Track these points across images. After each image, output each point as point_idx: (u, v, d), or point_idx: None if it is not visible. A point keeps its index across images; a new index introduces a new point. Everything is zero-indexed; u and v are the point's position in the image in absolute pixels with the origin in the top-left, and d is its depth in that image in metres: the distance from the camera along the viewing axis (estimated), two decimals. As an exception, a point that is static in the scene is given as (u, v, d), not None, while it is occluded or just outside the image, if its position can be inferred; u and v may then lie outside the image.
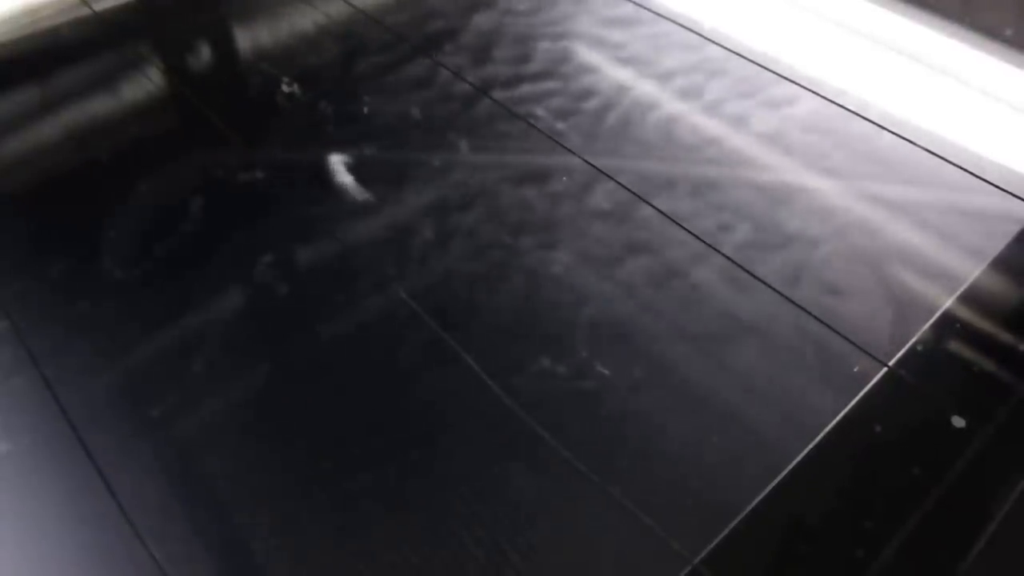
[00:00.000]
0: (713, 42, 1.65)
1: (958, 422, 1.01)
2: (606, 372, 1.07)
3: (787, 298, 1.15)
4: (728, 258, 1.21)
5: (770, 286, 1.17)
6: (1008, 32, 1.55)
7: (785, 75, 1.56)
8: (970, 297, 1.15)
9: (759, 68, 1.57)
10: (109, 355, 1.12)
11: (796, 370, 1.06)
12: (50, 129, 1.52)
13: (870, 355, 1.07)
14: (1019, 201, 1.28)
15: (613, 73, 1.58)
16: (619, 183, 1.34)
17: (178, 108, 1.60)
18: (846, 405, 1.02)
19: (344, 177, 1.38)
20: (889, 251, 1.22)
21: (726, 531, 0.91)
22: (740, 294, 1.16)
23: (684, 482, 0.96)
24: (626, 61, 1.61)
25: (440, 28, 1.72)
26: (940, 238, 1.23)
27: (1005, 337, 1.12)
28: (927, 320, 1.12)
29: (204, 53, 1.75)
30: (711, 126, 1.45)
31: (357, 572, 0.89)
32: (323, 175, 1.39)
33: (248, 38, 1.76)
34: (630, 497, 0.94)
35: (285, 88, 1.58)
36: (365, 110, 1.52)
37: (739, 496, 0.94)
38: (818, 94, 1.51)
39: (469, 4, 1.79)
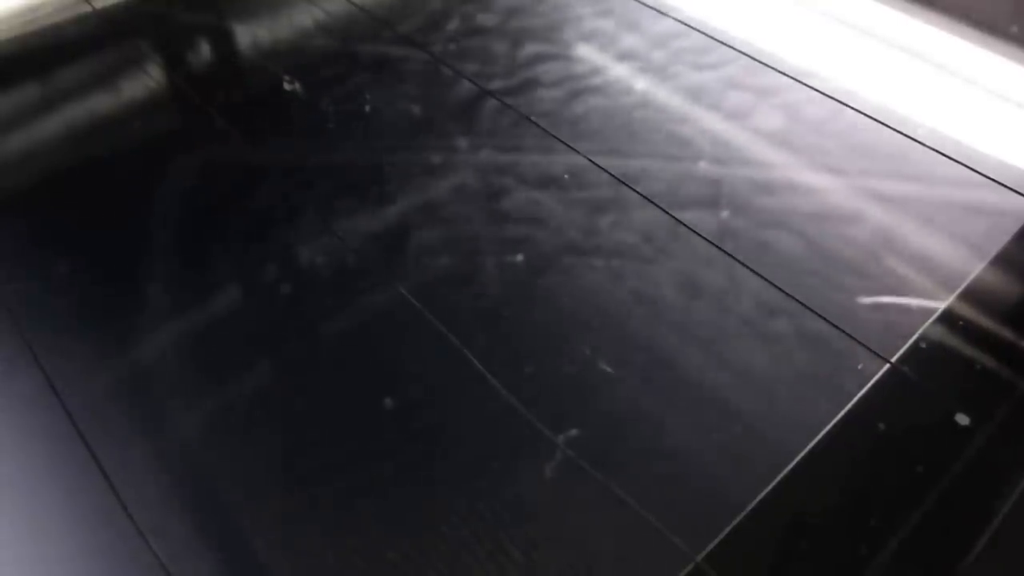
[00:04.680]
0: (716, 39, 1.64)
1: (962, 419, 1.00)
2: (609, 370, 1.07)
3: (789, 295, 1.15)
4: (729, 255, 1.21)
5: (771, 283, 1.16)
6: (1013, 29, 1.54)
7: (787, 72, 1.55)
8: (973, 293, 1.15)
9: (762, 65, 1.57)
10: (111, 352, 1.12)
11: (798, 367, 1.06)
12: (51, 127, 1.52)
13: (873, 352, 1.07)
14: (1022, 197, 1.28)
15: (615, 70, 1.58)
16: (620, 180, 1.34)
17: (179, 106, 1.60)
18: (849, 402, 1.02)
19: (344, 173, 1.38)
20: (890, 247, 1.21)
21: (728, 528, 0.90)
22: (740, 291, 1.16)
23: (686, 479, 0.96)
24: (630, 60, 1.61)
25: (441, 26, 1.72)
26: (942, 234, 1.23)
27: (1008, 334, 1.11)
28: (930, 317, 1.12)
29: (205, 50, 1.75)
30: (713, 123, 1.45)
31: (358, 569, 0.89)
32: (323, 172, 1.39)
33: (249, 36, 1.76)
34: (632, 494, 0.94)
35: (286, 86, 1.58)
36: (366, 108, 1.52)
37: (741, 493, 0.93)
38: (819, 91, 1.50)
39: (470, 2, 1.78)
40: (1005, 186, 1.30)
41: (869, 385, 1.04)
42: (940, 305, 1.13)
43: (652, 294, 1.16)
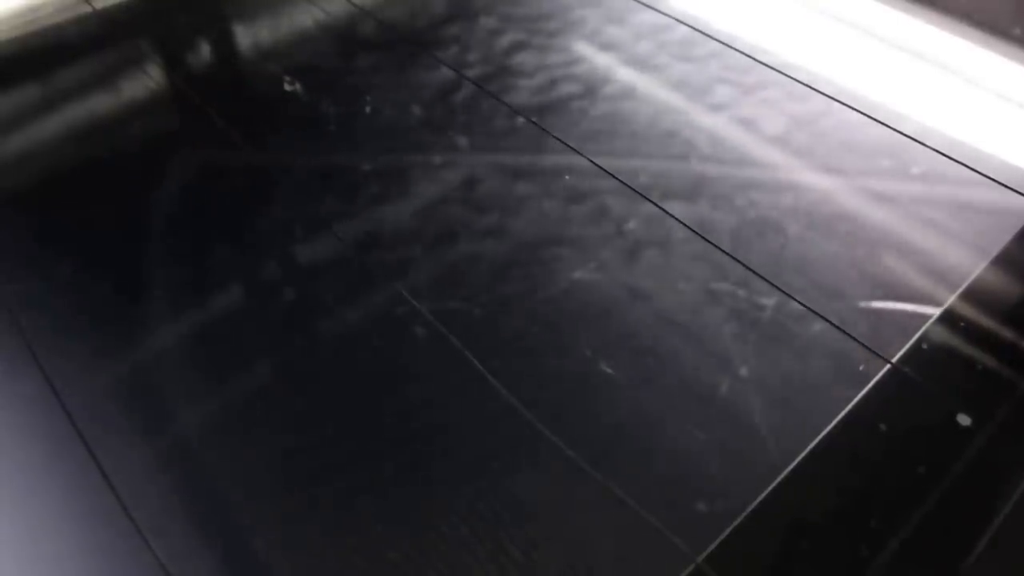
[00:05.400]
0: (721, 42, 1.64)
1: (963, 420, 1.00)
2: (609, 371, 1.07)
3: (789, 296, 1.14)
4: (731, 256, 1.20)
5: (772, 284, 1.16)
6: (1016, 31, 1.54)
7: (789, 73, 1.55)
8: (974, 293, 1.15)
9: (764, 67, 1.57)
10: (111, 353, 1.12)
11: (799, 367, 1.06)
12: (51, 127, 1.52)
13: (874, 352, 1.07)
14: (1022, 197, 1.27)
15: (617, 72, 1.58)
16: (621, 181, 1.33)
17: (179, 106, 1.60)
18: (850, 403, 1.02)
19: (344, 173, 1.38)
20: (891, 248, 1.21)
21: (729, 529, 0.90)
22: (741, 292, 1.16)
23: (686, 480, 0.95)
24: (630, 61, 1.61)
25: (442, 26, 1.72)
26: (943, 234, 1.23)
27: (1010, 334, 1.11)
28: (930, 317, 1.11)
29: (205, 50, 1.75)
30: (716, 124, 1.45)
31: (358, 569, 0.89)
32: (324, 173, 1.38)
33: (249, 36, 1.76)
34: (632, 495, 0.93)
35: (287, 86, 1.58)
36: (367, 108, 1.52)
37: (742, 494, 0.93)
38: (821, 92, 1.50)
39: (471, 2, 1.78)
40: (1006, 186, 1.29)
41: (870, 385, 1.03)
42: (941, 305, 1.13)
43: (653, 295, 1.16)
